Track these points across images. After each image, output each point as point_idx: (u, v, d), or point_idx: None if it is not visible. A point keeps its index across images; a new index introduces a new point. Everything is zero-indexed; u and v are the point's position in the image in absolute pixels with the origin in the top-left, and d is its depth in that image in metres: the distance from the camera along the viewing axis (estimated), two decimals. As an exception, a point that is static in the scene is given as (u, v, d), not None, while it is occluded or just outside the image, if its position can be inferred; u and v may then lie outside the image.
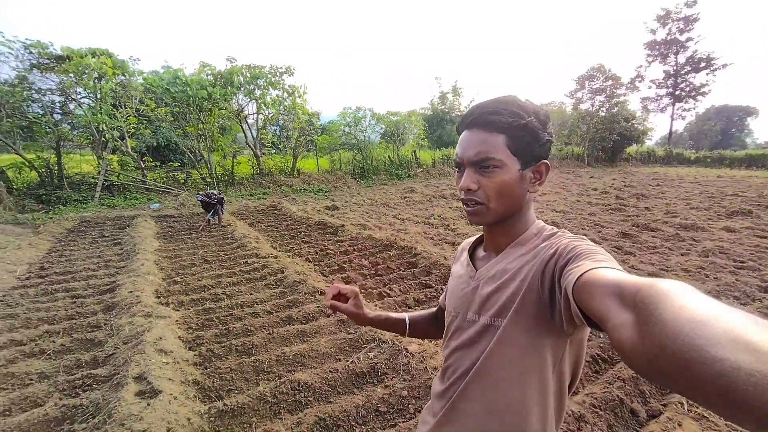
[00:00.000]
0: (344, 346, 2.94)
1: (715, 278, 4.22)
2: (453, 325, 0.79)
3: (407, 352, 2.70)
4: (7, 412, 2.19)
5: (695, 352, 0.31)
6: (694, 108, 32.61)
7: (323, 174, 14.63)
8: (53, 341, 2.95)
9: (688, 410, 2.06)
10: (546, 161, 0.73)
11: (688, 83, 30.80)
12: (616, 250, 5.42)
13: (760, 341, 0.29)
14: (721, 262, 4.77)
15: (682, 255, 5.16)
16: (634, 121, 24.41)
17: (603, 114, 24.02)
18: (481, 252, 0.83)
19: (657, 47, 30.92)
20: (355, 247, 5.67)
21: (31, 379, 2.49)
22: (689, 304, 0.35)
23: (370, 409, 2.24)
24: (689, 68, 30.10)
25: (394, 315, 1.04)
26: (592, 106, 24.99)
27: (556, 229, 0.74)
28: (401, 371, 2.56)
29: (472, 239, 0.91)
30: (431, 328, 1.05)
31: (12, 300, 3.83)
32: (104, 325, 3.26)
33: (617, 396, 2.23)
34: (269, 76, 12.61)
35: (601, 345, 2.83)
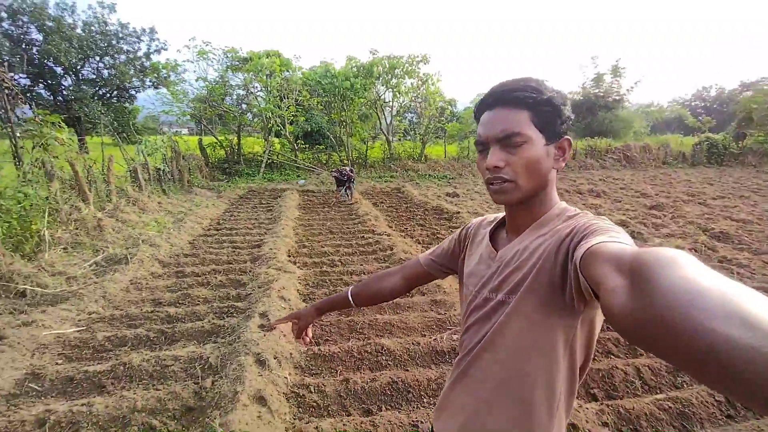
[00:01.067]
0: (432, 325, 3.06)
1: None
2: (472, 305, 0.81)
3: (490, 342, 2.66)
4: (183, 320, 3.06)
5: (689, 322, 0.31)
6: None
7: (450, 161, 14.62)
8: (216, 277, 3.91)
9: None
10: (569, 137, 0.73)
11: None
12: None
13: (756, 316, 0.29)
14: None
15: None
16: None
17: None
18: (503, 233, 0.83)
19: None
20: (465, 235, 5.64)
21: (199, 302, 3.40)
22: (687, 273, 0.35)
23: (441, 384, 2.33)
24: None
25: (334, 296, 1.11)
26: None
27: (578, 210, 0.73)
28: (480, 359, 2.54)
29: (488, 218, 0.91)
30: (380, 289, 1.05)
31: (197, 244, 5.17)
32: (249, 271, 4.13)
33: None
34: (406, 65, 13.14)
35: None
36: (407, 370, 2.49)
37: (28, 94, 19.95)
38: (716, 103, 40.75)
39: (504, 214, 0.84)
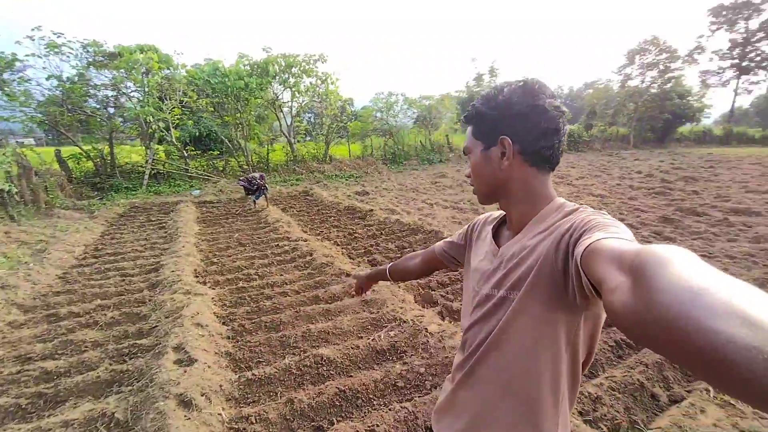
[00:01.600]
0: (366, 325, 3.02)
1: (764, 265, 3.89)
2: (474, 301, 0.82)
3: (427, 331, 2.74)
4: (67, 374, 2.47)
5: (691, 321, 0.31)
6: (764, 80, 29.45)
7: (355, 160, 14.75)
8: (105, 314, 3.26)
9: (713, 396, 1.96)
10: (505, 136, 0.74)
11: (759, 52, 27.64)
12: (655, 235, 5.11)
13: (758, 315, 0.29)
14: (776, 248, 4.38)
15: (728, 241, 4.79)
16: (689, 98, 22.43)
17: (654, 91, 22.24)
18: (505, 230, 0.86)
19: (724, 13, 27.90)
20: (383, 231, 5.74)
21: (87, 347, 2.79)
22: (688, 271, 0.35)
23: (388, 383, 2.31)
24: (763, 35, 26.92)
25: (380, 268, 1.32)
26: (642, 82, 23.18)
27: (577, 206, 0.74)
28: (420, 349, 2.60)
29: (494, 215, 0.94)
30: (407, 268, 1.23)
31: (71, 277, 4.25)
32: (149, 300, 3.55)
33: (638, 380, 2.17)
34: (303, 64, 12.77)
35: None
36: (351, 376, 2.42)
37: None
38: (567, 99, 49.28)
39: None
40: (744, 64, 28.28)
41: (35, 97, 9.75)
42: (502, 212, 0.89)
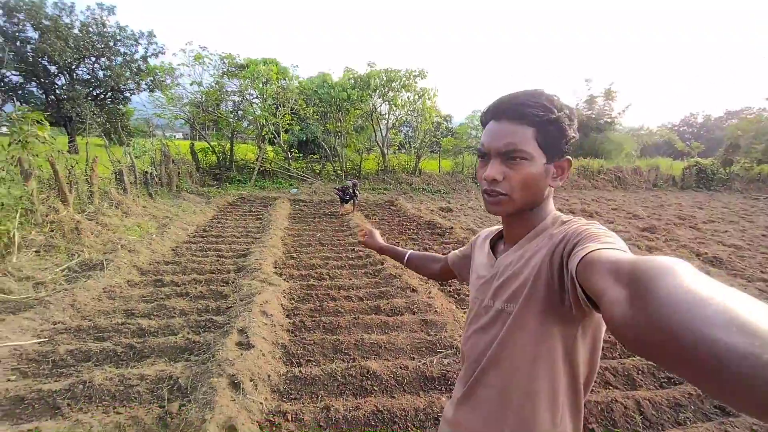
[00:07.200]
0: (421, 347, 2.89)
1: None
2: (472, 312, 0.83)
3: (483, 368, 2.50)
4: (155, 334, 2.85)
5: (690, 331, 0.31)
6: None
7: (444, 175, 14.59)
8: (196, 287, 3.70)
9: None
10: (569, 158, 0.74)
11: None
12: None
13: (756, 323, 0.29)
14: None
15: None
16: None
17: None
18: (501, 244, 0.86)
19: None
20: (458, 252, 5.51)
21: (175, 314, 3.19)
22: (685, 282, 0.35)
23: (430, 415, 2.15)
24: None
25: (399, 249, 1.32)
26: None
27: (570, 216, 0.74)
28: (472, 386, 2.38)
29: (492, 230, 0.94)
30: (427, 265, 1.22)
31: (180, 251, 4.96)
32: (232, 282, 3.93)
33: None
34: (403, 79, 13.17)
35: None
36: (393, 397, 2.32)
37: (19, 92, 19.68)
38: (703, 130, 41.88)
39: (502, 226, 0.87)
40: None
41: (182, 99, 11.83)
42: (500, 227, 0.88)
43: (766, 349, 0.27)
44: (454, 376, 2.49)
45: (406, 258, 1.27)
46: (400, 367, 2.56)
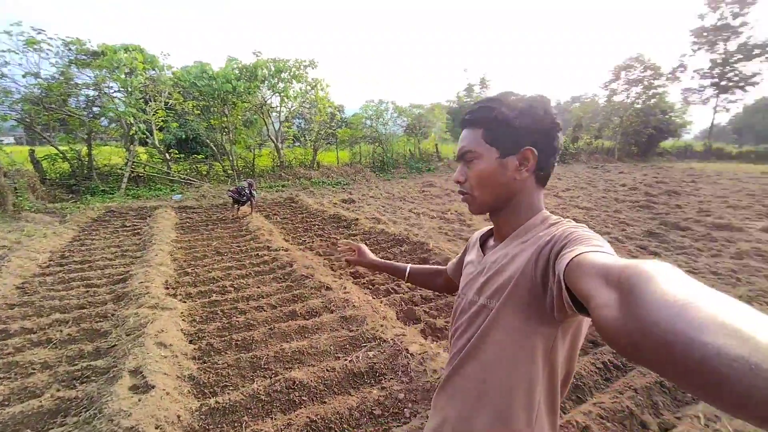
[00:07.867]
0: (345, 344, 2.85)
1: (748, 282, 3.86)
2: (459, 308, 0.83)
3: (407, 352, 2.58)
4: (5, 403, 2.21)
5: (679, 336, 0.31)
6: (741, 99, 30.37)
7: (343, 167, 14.59)
8: (61, 330, 3.00)
9: (705, 425, 1.85)
10: (531, 147, 0.73)
11: (737, 72, 28.50)
12: (640, 249, 5.07)
13: (745, 326, 0.29)
14: (757, 265, 4.38)
15: (712, 256, 4.79)
16: (672, 114, 23.03)
17: (638, 106, 22.78)
18: (491, 241, 0.88)
19: (705, 34, 28.75)
20: (367, 242, 5.57)
21: (34, 369, 2.53)
22: (674, 286, 0.35)
23: (364, 411, 2.14)
24: (740, 56, 27.81)
25: (397, 264, 1.26)
26: (627, 97, 23.76)
27: (560, 219, 0.74)
28: (400, 372, 2.44)
29: (484, 230, 0.95)
30: (431, 279, 1.20)
31: (30, 288, 3.96)
32: (111, 315, 3.30)
33: (627, 407, 2.06)
34: (293, 69, 12.59)
35: (614, 351, 2.61)
36: (325, 403, 2.24)
37: None
38: (555, 112, 50.26)
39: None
40: (723, 83, 29.08)
41: (12, 95, 9.34)
42: (491, 226, 0.90)
43: (756, 352, 0.27)
44: (382, 367, 2.51)
45: (407, 273, 1.23)
46: (327, 370, 2.48)
